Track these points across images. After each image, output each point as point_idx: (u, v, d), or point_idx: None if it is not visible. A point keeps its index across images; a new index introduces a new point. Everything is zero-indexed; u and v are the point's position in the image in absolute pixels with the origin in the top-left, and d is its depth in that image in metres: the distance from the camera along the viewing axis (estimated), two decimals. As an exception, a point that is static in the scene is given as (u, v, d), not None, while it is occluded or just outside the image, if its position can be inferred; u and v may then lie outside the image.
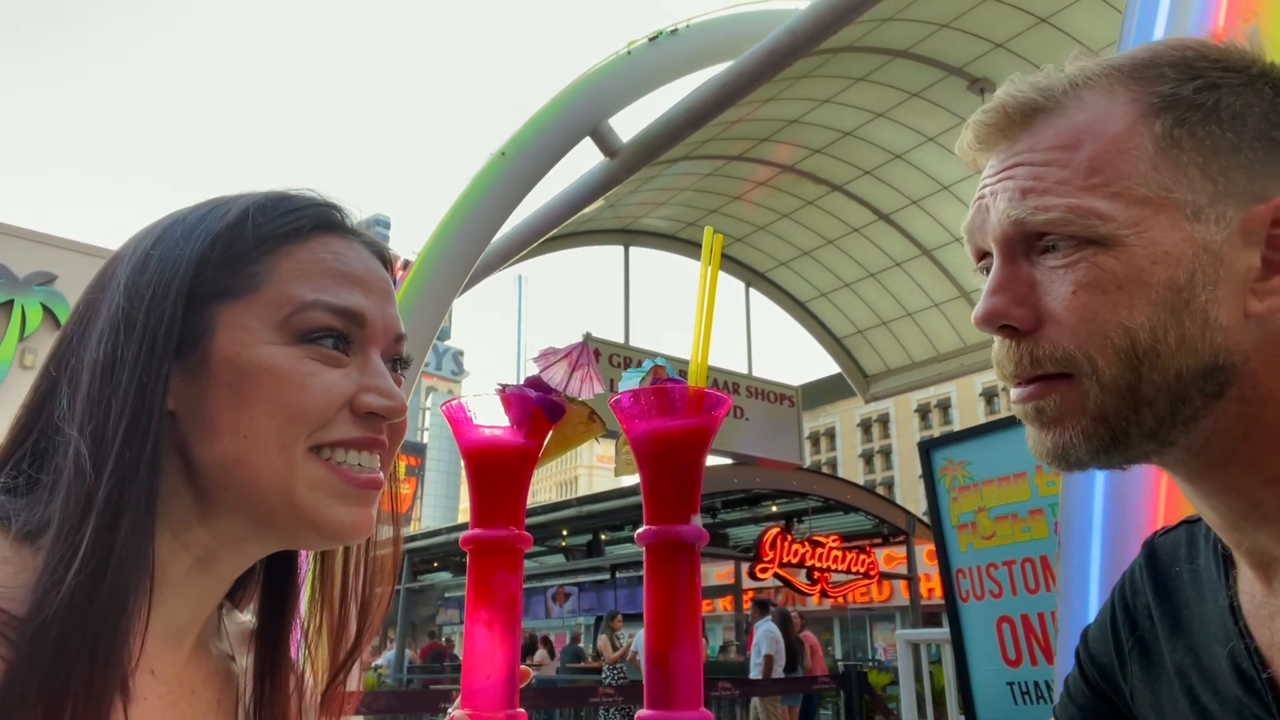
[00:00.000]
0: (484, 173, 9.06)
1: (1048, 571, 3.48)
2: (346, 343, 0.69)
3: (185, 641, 0.70)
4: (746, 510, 14.82)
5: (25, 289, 7.43)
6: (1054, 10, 9.14)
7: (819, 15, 7.63)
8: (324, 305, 0.67)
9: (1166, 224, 0.63)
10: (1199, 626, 0.73)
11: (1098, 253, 0.63)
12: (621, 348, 11.89)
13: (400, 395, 0.71)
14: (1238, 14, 2.03)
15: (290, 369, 0.65)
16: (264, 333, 0.66)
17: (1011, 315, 0.66)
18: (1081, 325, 0.63)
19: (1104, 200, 0.63)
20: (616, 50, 9.49)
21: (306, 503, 0.66)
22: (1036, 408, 0.66)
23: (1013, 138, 0.70)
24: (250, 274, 0.68)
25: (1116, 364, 0.63)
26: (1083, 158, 0.65)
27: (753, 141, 12.04)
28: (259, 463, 0.65)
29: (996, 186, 0.69)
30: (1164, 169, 0.64)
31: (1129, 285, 0.62)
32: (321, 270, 0.69)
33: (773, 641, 10.31)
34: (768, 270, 14.83)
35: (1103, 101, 0.67)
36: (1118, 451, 0.65)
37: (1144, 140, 0.64)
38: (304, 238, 0.71)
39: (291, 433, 0.65)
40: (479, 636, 0.70)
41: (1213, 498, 0.68)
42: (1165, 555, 0.82)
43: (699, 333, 0.77)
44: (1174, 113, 0.65)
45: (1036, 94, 0.70)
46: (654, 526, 0.73)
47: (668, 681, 0.69)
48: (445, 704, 0.72)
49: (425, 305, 8.66)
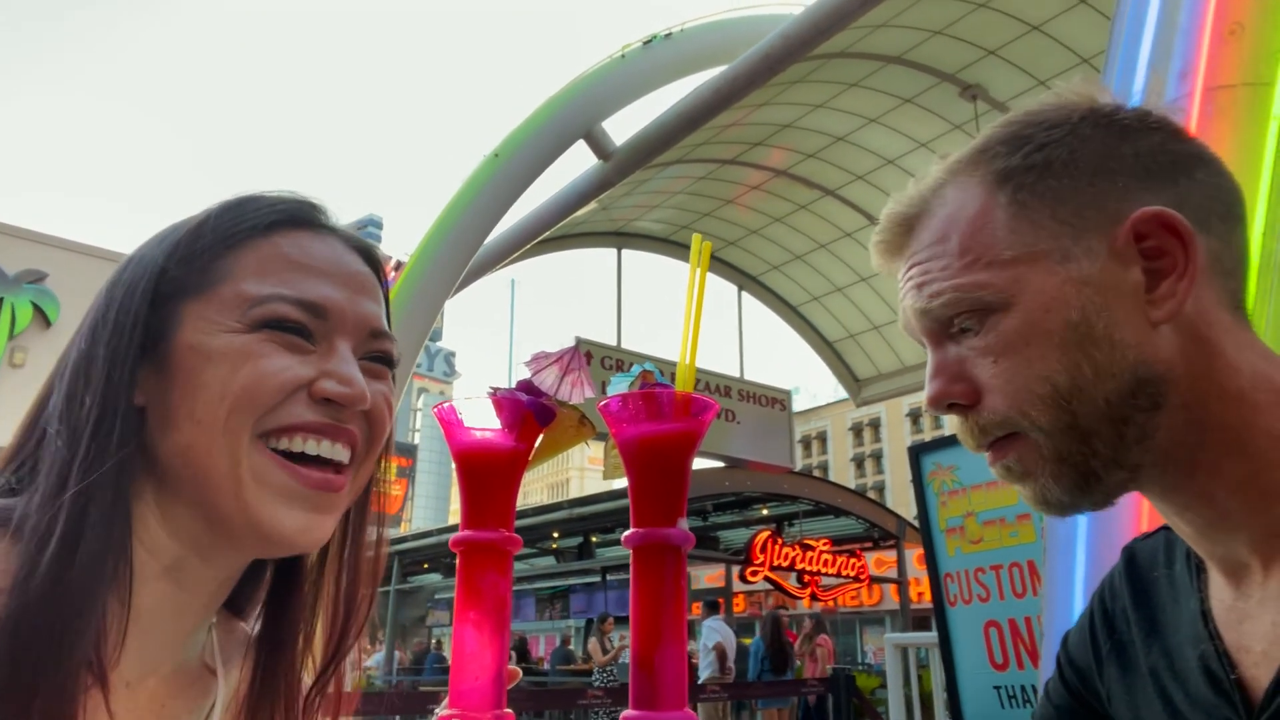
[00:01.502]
0: (477, 175, 9.06)
1: (1035, 576, 3.50)
2: (309, 335, 0.68)
3: (164, 655, 0.70)
4: (737, 513, 14.82)
5: (15, 287, 7.39)
6: (1045, 18, 9.20)
7: (813, 21, 7.66)
8: (281, 298, 0.67)
9: (1043, 274, 0.69)
10: (1173, 629, 0.75)
11: (999, 319, 0.70)
12: (613, 350, 11.89)
13: (361, 383, 0.69)
14: (1225, 19, 2.05)
15: (245, 350, 0.65)
16: (225, 322, 0.66)
17: (953, 393, 0.72)
18: (1009, 387, 0.69)
19: (981, 272, 0.70)
20: (611, 54, 9.51)
21: (252, 500, 0.65)
22: (1004, 467, 0.72)
23: (903, 247, 0.78)
24: (212, 270, 0.68)
25: (1050, 410, 0.67)
26: (954, 245, 0.73)
27: (746, 146, 12.07)
28: (207, 447, 0.64)
29: (904, 289, 0.77)
30: (1021, 229, 0.70)
31: (1034, 339, 0.68)
32: (283, 264, 0.69)
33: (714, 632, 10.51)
34: (760, 274, 14.86)
35: (958, 193, 0.76)
36: (1092, 487, 0.69)
37: (997, 211, 0.72)
38: (267, 232, 0.70)
39: (239, 417, 0.64)
40: (468, 637, 0.71)
41: (1187, 510, 0.71)
42: (1144, 560, 0.84)
43: (686, 338, 0.78)
44: (1011, 181, 0.72)
45: (909, 206, 0.78)
46: (641, 529, 0.73)
47: (652, 682, 0.69)
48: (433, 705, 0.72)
49: (417, 306, 8.66)
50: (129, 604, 0.63)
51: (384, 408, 0.74)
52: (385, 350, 0.75)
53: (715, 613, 11.48)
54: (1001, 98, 10.40)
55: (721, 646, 10.37)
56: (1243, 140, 1.96)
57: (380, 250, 0.79)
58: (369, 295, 0.74)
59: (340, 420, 0.69)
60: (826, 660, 11.44)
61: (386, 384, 0.75)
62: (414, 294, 8.65)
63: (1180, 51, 2.07)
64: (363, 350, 0.73)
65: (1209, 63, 2.01)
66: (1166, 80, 2.08)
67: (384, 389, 0.74)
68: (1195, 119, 2.00)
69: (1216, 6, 2.03)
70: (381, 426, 0.73)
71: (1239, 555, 0.68)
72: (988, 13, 9.30)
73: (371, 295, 0.74)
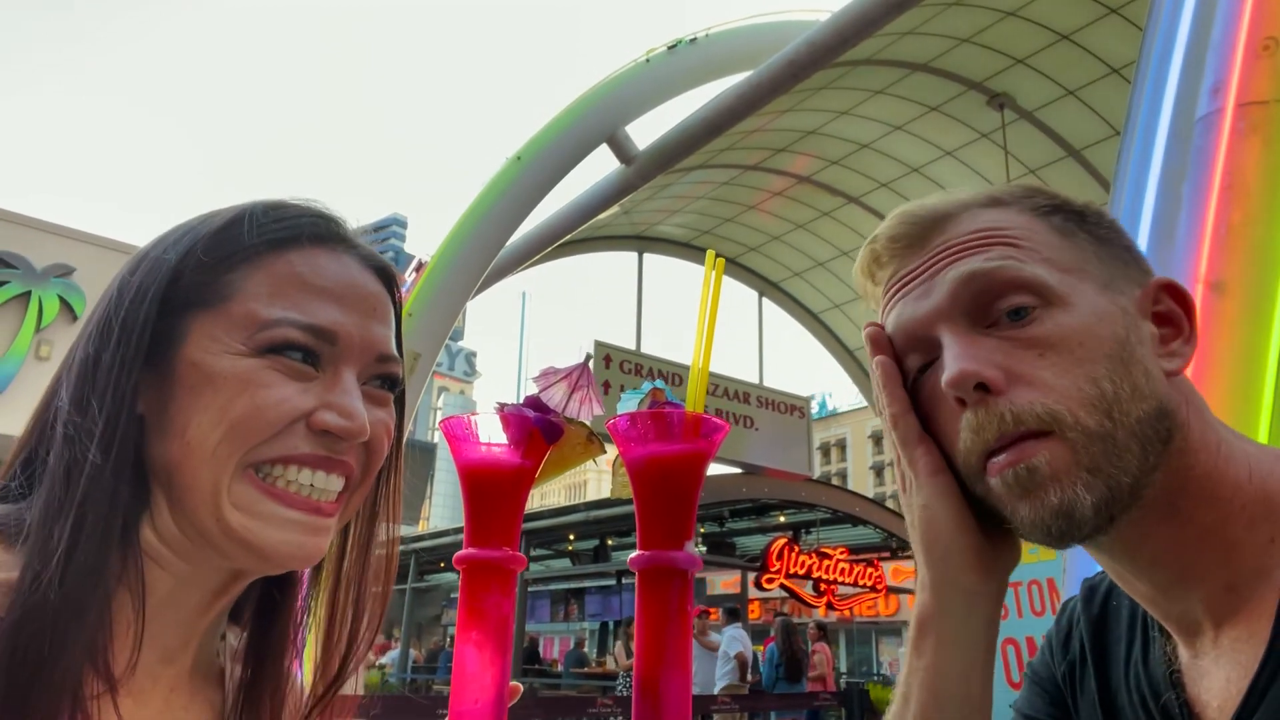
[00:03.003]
0: (500, 177, 9.09)
1: (1054, 594, 3.45)
2: (316, 359, 0.67)
3: (176, 663, 0.70)
4: (754, 520, 14.75)
5: (43, 281, 7.49)
6: (1075, 27, 9.11)
7: (839, 28, 7.63)
8: (290, 322, 0.66)
9: (1092, 290, 0.70)
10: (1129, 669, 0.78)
11: (1054, 312, 0.68)
12: (633, 354, 11.89)
13: (361, 415, 0.67)
14: (1258, 34, 2.02)
15: (247, 378, 0.64)
16: (231, 343, 0.65)
17: (985, 375, 0.67)
18: (1058, 381, 0.66)
19: (1039, 265, 0.70)
20: (635, 58, 9.51)
21: (235, 524, 0.64)
22: (1029, 467, 0.66)
23: (926, 240, 0.75)
24: (224, 284, 0.67)
25: (1094, 414, 0.65)
26: (1011, 233, 0.72)
27: (769, 152, 12.04)
28: (194, 469, 0.63)
29: (934, 267, 0.73)
30: (1070, 250, 0.72)
31: (1087, 341, 0.67)
32: (296, 285, 0.67)
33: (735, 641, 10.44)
34: (781, 280, 14.81)
35: (997, 213, 0.75)
36: (1108, 509, 0.66)
37: (1046, 230, 0.73)
38: (284, 249, 0.69)
39: (230, 445, 0.63)
40: (469, 657, 0.70)
41: (1154, 566, 0.71)
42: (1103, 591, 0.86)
43: (698, 357, 0.76)
44: (1062, 213, 0.74)
45: (936, 207, 0.76)
46: (647, 552, 0.72)
47: (656, 708, 0.68)
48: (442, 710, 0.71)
49: (439, 306, 8.70)
50: (142, 611, 0.63)
51: (383, 436, 0.72)
52: (391, 373, 0.73)
53: (736, 620, 11.35)
54: (1030, 106, 10.31)
55: (743, 656, 10.32)
56: (1275, 156, 1.93)
57: (394, 267, 0.77)
58: (379, 318, 0.72)
59: (336, 452, 0.67)
60: (826, 668, 11.35)
61: (388, 410, 0.74)
62: (436, 294, 8.68)
63: (1213, 66, 2.03)
64: (368, 375, 0.71)
65: (1241, 78, 1.98)
66: (1198, 95, 2.04)
67: (384, 416, 0.73)
68: (1227, 134, 1.97)
69: (1250, 22, 2.00)
70: (379, 455, 0.72)
71: (1194, 614, 0.70)
72: (1016, 21, 9.22)
73: (382, 318, 0.73)
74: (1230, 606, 0.67)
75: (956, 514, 0.72)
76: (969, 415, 0.68)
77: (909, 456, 0.74)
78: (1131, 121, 2.24)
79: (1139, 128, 2.19)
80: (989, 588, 0.72)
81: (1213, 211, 1.93)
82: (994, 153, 10.79)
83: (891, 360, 0.76)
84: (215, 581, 0.70)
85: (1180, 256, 1.95)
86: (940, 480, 0.72)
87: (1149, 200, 2.08)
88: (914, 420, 0.75)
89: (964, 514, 0.72)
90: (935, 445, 0.74)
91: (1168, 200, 2.05)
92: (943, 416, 0.72)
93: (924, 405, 0.74)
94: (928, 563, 0.73)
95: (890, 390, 0.75)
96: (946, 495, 0.72)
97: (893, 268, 0.77)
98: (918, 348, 0.74)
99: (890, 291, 0.77)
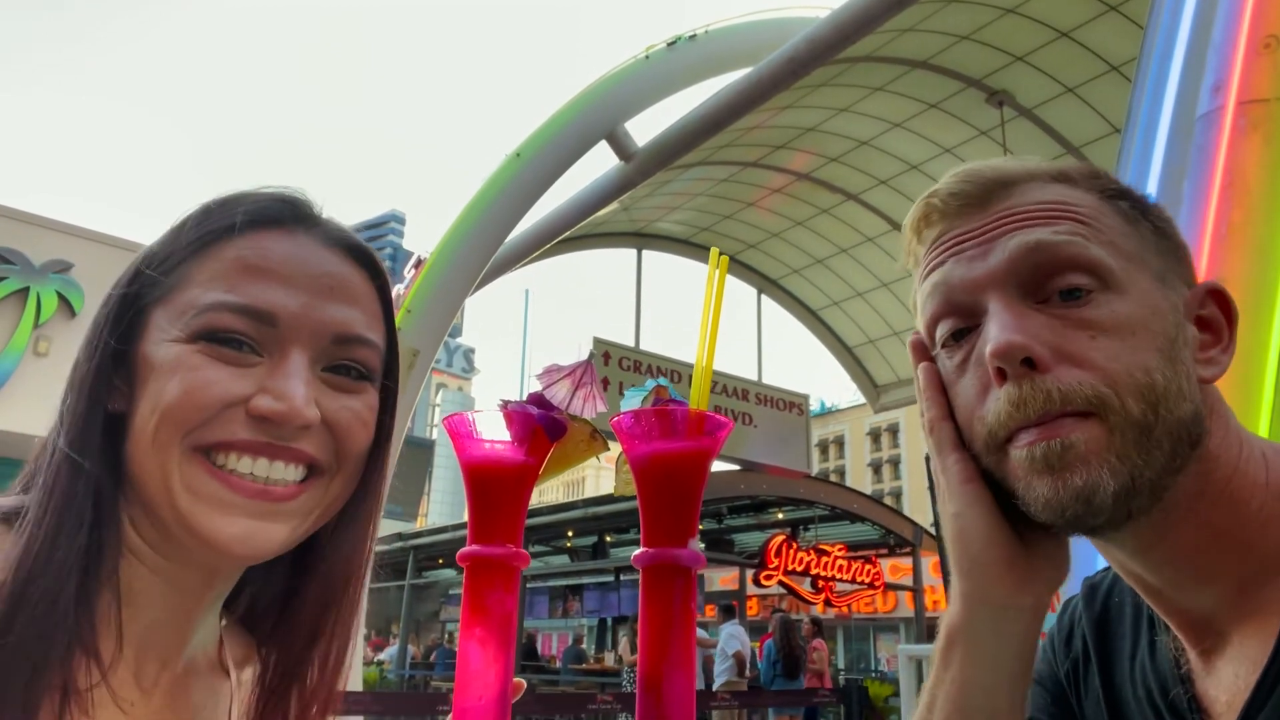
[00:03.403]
0: (499, 173, 9.08)
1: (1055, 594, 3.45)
2: (256, 345, 0.65)
3: (172, 655, 0.70)
4: (752, 516, 14.77)
5: (41, 277, 7.48)
6: (1075, 25, 9.10)
7: (839, 25, 7.62)
8: (225, 305, 0.64)
9: (1147, 281, 0.69)
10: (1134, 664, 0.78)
11: (1112, 297, 0.67)
12: (631, 351, 11.88)
13: (298, 398, 0.64)
14: (1259, 33, 2.02)
15: (175, 363, 0.63)
16: (170, 331, 0.64)
17: (1033, 350, 0.65)
18: (1111, 365, 0.64)
19: (1104, 248, 0.68)
20: (635, 54, 9.50)
21: (186, 510, 0.63)
22: (1065, 444, 0.64)
23: (988, 203, 0.73)
24: (175, 275, 0.66)
25: (1141, 402, 0.64)
26: (1080, 211, 0.70)
27: (769, 148, 12.03)
28: (143, 459, 0.63)
29: (995, 231, 0.71)
30: (1133, 237, 0.70)
31: (1140, 331, 0.66)
32: (238, 268, 0.66)
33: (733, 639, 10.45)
34: (780, 277, 14.81)
35: (1065, 189, 0.73)
36: (1127, 501, 0.65)
37: (1113, 213, 0.71)
38: (234, 235, 0.67)
39: (167, 431, 0.62)
40: (472, 654, 0.70)
41: (1165, 565, 0.70)
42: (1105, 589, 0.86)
43: (701, 354, 0.76)
44: (1129, 200, 0.73)
45: (1005, 170, 0.74)
46: (651, 549, 0.72)
47: (659, 708, 0.68)
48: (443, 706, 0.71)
49: (438, 302, 8.69)
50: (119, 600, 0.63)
51: (352, 424, 0.69)
52: (357, 358, 0.70)
53: (731, 617, 11.40)
54: (1029, 104, 10.31)
55: (741, 654, 10.34)
56: (1276, 154, 1.93)
57: (369, 247, 0.74)
58: (339, 298, 0.69)
59: (282, 439, 0.65)
60: (823, 664, 11.37)
61: (361, 399, 0.71)
62: (435, 290, 8.68)
63: (1214, 65, 2.03)
64: (326, 359, 0.68)
65: (1242, 76, 1.98)
66: (1199, 93, 2.04)
67: (354, 404, 0.70)
68: (1228, 132, 1.97)
69: (1251, 21, 2.00)
70: (350, 441, 0.69)
71: (1204, 611, 0.69)
72: (1016, 18, 9.21)
73: (344, 297, 0.69)
74: (1241, 603, 0.67)
75: (988, 524, 0.69)
76: (1010, 388, 0.66)
77: (943, 464, 0.72)
78: (1132, 119, 2.24)
79: (1140, 126, 2.19)
80: (1022, 602, 0.69)
81: (1213, 209, 1.93)
82: (993, 150, 10.78)
83: (933, 366, 0.75)
84: (196, 576, 0.69)
85: (1181, 254, 1.95)
86: (971, 489, 0.70)
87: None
88: (951, 427, 0.73)
89: (996, 524, 0.69)
90: (969, 455, 0.72)
91: (1168, 198, 2.05)
92: (966, 384, 0.70)
93: (949, 370, 0.72)
94: (958, 573, 0.71)
95: (930, 395, 0.74)
96: (978, 504, 0.70)
97: (943, 226, 0.75)
98: (956, 311, 0.72)
99: (939, 249, 0.74)
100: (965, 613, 0.70)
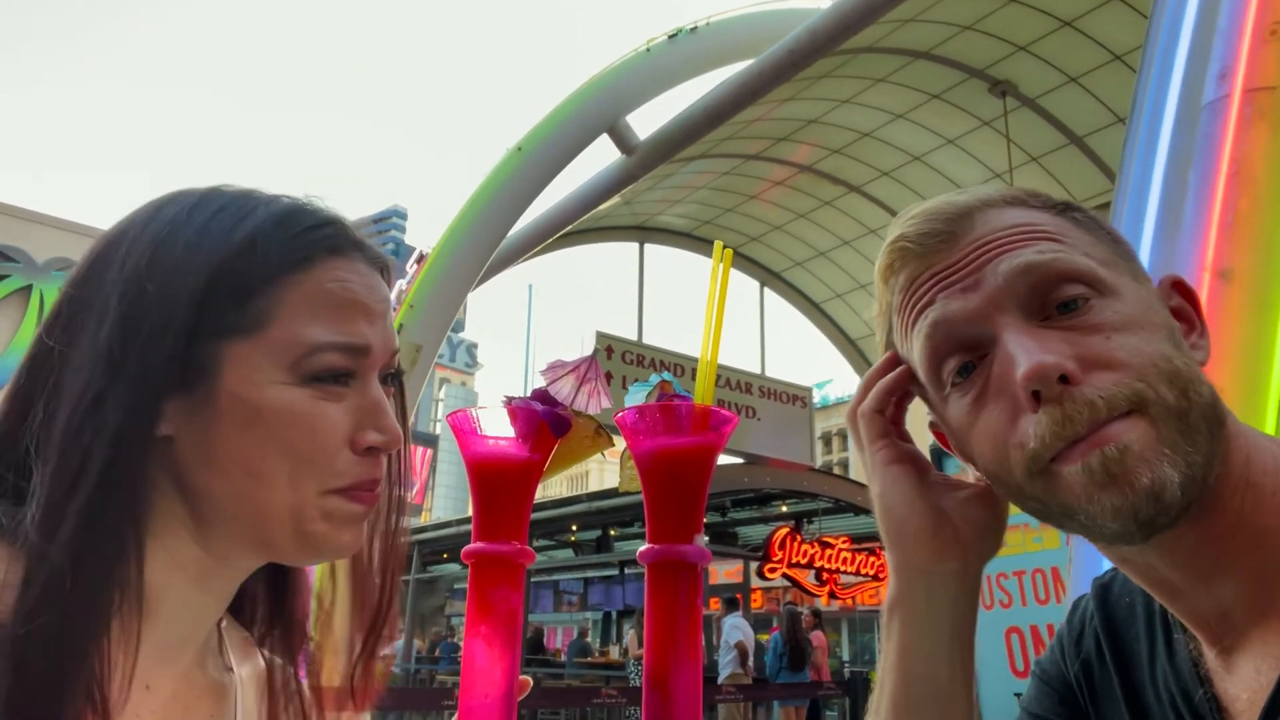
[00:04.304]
0: (500, 168, 9.07)
1: (1058, 583, 3.45)
2: (352, 376, 0.68)
3: (183, 656, 0.70)
4: (756, 510, 14.77)
5: (44, 274, 7.48)
6: (1078, 14, 9.07)
7: (840, 15, 7.59)
8: (335, 346, 0.66)
9: (1129, 281, 0.70)
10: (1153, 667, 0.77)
11: (1109, 301, 0.67)
12: (634, 344, 11.87)
13: (396, 428, 0.70)
14: (1265, 19, 2.00)
15: (302, 411, 0.65)
16: (274, 372, 0.64)
17: (1065, 366, 0.64)
18: (1135, 360, 0.64)
19: (1083, 259, 0.69)
20: (635, 47, 9.47)
21: (317, 532, 0.66)
22: (1120, 447, 0.62)
23: (957, 238, 0.73)
24: (258, 309, 0.65)
25: (1173, 389, 0.63)
26: (1043, 230, 0.71)
27: (771, 141, 12.00)
28: (272, 500, 0.65)
29: (976, 261, 0.71)
30: (1099, 243, 0.72)
31: (1146, 325, 0.67)
32: (329, 302, 0.67)
33: (735, 630, 10.47)
34: (783, 270, 14.79)
35: (1020, 211, 0.74)
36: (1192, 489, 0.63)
37: (1072, 225, 0.73)
38: (311, 265, 0.68)
39: (303, 474, 0.65)
40: (478, 652, 0.70)
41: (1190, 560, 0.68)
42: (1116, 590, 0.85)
43: (706, 349, 0.76)
44: (1076, 211, 0.75)
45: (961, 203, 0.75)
46: (656, 545, 0.72)
47: (666, 704, 0.68)
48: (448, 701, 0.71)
49: (440, 297, 8.69)
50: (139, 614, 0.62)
51: (400, 434, 0.73)
52: (396, 365, 0.75)
53: (734, 609, 11.42)
54: (1032, 94, 10.27)
55: (743, 645, 10.37)
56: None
57: (392, 259, 0.78)
58: (387, 317, 0.73)
59: (376, 468, 0.70)
60: (820, 655, 11.38)
61: (393, 403, 0.74)
62: (437, 286, 8.67)
63: (1219, 53, 2.02)
64: (383, 372, 0.72)
65: (1249, 64, 1.96)
66: (1205, 81, 2.03)
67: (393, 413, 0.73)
68: (1234, 120, 1.95)
69: (1257, 6, 1.98)
70: (397, 448, 0.73)
71: (1222, 607, 0.68)
72: (1018, 8, 9.17)
73: (388, 315, 0.73)
74: (1260, 598, 0.66)
75: (909, 497, 0.75)
76: (1050, 409, 0.64)
77: (870, 449, 0.79)
78: (1137, 108, 2.22)
79: (1145, 114, 2.17)
80: (947, 568, 0.74)
81: (1220, 198, 1.91)
82: (996, 140, 10.75)
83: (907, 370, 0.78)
84: (233, 580, 0.71)
85: (1187, 244, 1.94)
86: (894, 470, 0.77)
87: (1155, 188, 2.07)
88: (883, 420, 0.79)
89: (917, 496, 0.75)
90: (895, 439, 0.78)
91: (1174, 187, 2.03)
92: (991, 416, 0.69)
93: (963, 411, 0.71)
94: (888, 545, 0.77)
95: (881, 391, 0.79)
96: (900, 482, 0.76)
97: (916, 267, 0.74)
98: (962, 346, 0.71)
99: (920, 290, 0.73)
100: (898, 582, 0.76)
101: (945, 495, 0.76)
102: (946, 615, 0.74)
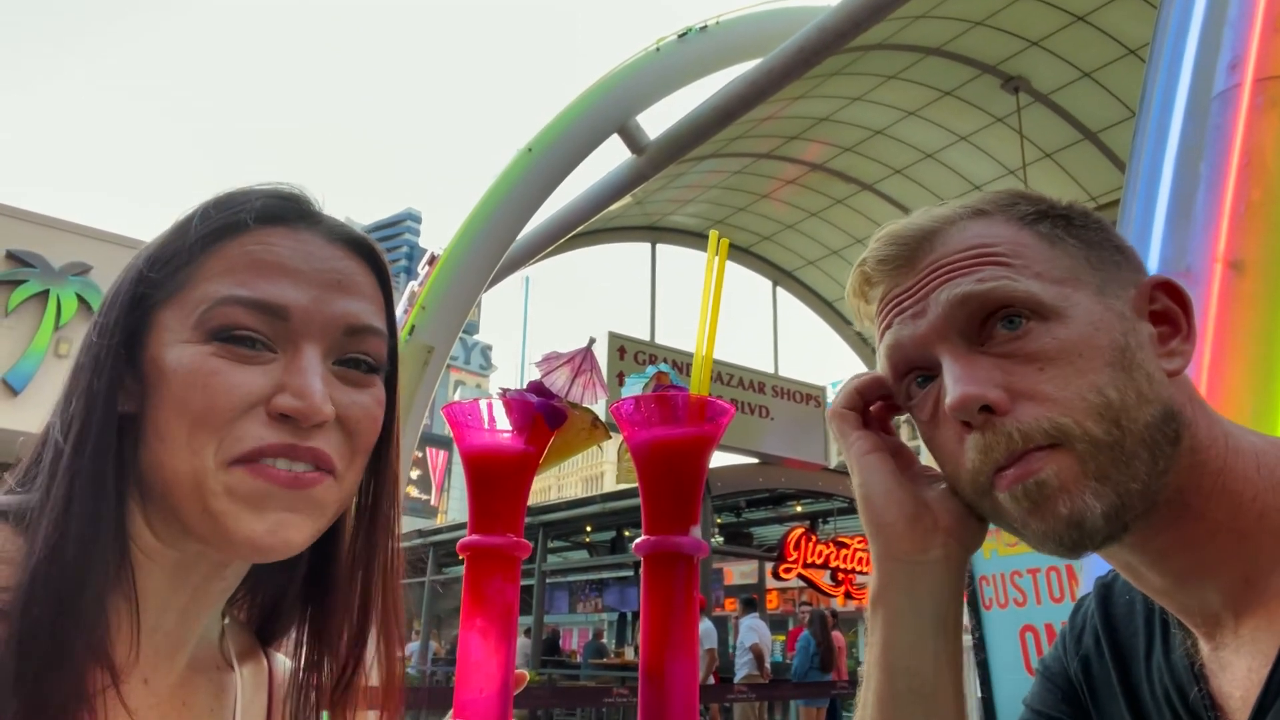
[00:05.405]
0: (511, 169, 9.09)
1: (1073, 580, 3.42)
2: (270, 341, 0.65)
3: (179, 652, 0.70)
4: (771, 510, 14.74)
5: (61, 279, 7.56)
6: (1090, 8, 8.99)
7: (850, 12, 7.56)
8: (235, 299, 0.64)
9: (1087, 298, 0.70)
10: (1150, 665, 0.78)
11: (1051, 326, 0.68)
12: (647, 345, 11.87)
13: (317, 394, 0.64)
14: (1275, 10, 1.98)
15: (194, 367, 0.62)
16: (180, 331, 0.64)
17: (989, 397, 0.67)
18: (1061, 394, 0.66)
19: (1032, 280, 0.70)
20: (645, 47, 9.47)
21: (221, 511, 0.62)
22: (1038, 482, 0.66)
23: (915, 260, 0.75)
24: (182, 274, 0.66)
25: (1102, 423, 0.65)
26: (999, 251, 0.72)
27: (782, 139, 11.97)
28: (174, 465, 0.63)
29: (926, 288, 0.73)
30: (1061, 259, 0.72)
31: (1086, 352, 0.67)
32: (247, 264, 0.66)
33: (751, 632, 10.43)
34: (795, 269, 14.75)
35: (983, 226, 0.74)
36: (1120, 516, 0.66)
37: (1035, 240, 0.73)
38: (239, 232, 0.67)
39: (200, 438, 0.62)
40: (473, 645, 0.69)
41: (1164, 559, 0.70)
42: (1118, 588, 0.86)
43: (701, 339, 0.75)
44: (1048, 220, 0.74)
45: (923, 225, 0.76)
46: (652, 537, 0.71)
47: (661, 696, 0.67)
48: None
49: (453, 299, 8.72)
50: (135, 600, 0.62)
51: (363, 420, 0.69)
52: (367, 351, 0.70)
53: (752, 610, 11.37)
54: (1045, 90, 10.20)
55: (759, 647, 10.33)
56: (1295, 133, 1.89)
57: (370, 238, 0.75)
58: (348, 292, 0.69)
59: (301, 439, 0.64)
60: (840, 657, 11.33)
61: (371, 393, 0.70)
62: (449, 287, 8.70)
63: (1229, 43, 1.99)
64: (338, 353, 0.68)
65: (1259, 54, 1.94)
66: (1215, 71, 2.00)
67: (365, 400, 0.69)
68: (1245, 110, 1.93)
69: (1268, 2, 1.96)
70: (363, 437, 0.69)
71: (1212, 606, 0.70)
72: (1030, 3, 9.11)
73: (352, 291, 0.69)
74: (1248, 597, 0.67)
75: (888, 487, 0.75)
76: (975, 437, 0.68)
77: (846, 442, 0.79)
78: (1147, 99, 2.20)
79: (1155, 105, 2.15)
80: (927, 556, 0.74)
81: (1231, 189, 1.89)
82: (1009, 137, 10.68)
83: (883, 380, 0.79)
84: (206, 573, 0.69)
85: (1199, 235, 1.92)
86: (871, 458, 0.77)
87: (1166, 179, 2.05)
88: (856, 417, 0.80)
89: (896, 485, 0.75)
90: (869, 432, 0.79)
91: (1185, 179, 2.01)
92: (944, 434, 0.72)
93: (925, 423, 0.75)
94: (869, 535, 0.77)
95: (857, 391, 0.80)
96: (878, 471, 0.76)
97: (885, 286, 0.78)
98: (915, 367, 0.75)
99: (885, 310, 0.77)
100: (879, 573, 0.76)
101: (928, 486, 0.76)
102: (929, 606, 0.74)
